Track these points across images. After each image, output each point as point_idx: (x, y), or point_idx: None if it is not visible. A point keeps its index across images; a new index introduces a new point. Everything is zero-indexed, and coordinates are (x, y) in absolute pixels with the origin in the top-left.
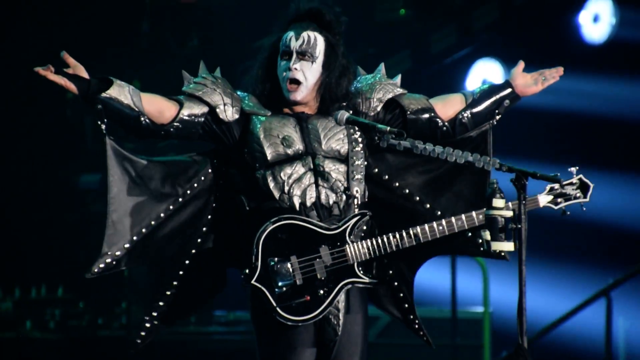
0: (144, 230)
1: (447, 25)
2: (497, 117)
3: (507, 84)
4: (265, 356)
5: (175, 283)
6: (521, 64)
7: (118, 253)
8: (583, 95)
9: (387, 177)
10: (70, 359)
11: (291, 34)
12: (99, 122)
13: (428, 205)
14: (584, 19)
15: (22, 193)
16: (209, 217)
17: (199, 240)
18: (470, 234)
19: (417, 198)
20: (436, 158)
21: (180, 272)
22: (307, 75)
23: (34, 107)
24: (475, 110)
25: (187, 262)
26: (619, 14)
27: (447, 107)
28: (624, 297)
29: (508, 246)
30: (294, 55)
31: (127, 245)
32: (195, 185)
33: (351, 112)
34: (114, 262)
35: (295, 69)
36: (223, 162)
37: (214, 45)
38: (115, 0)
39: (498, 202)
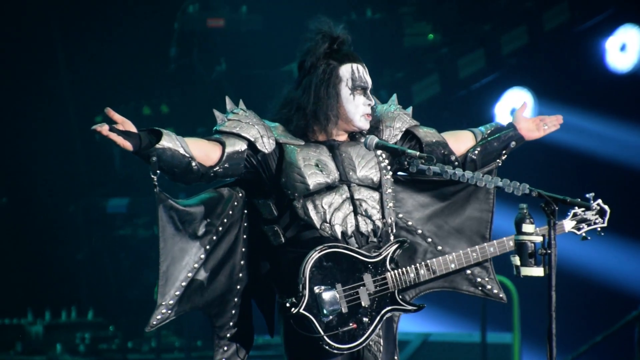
0: (189, 274)
1: (475, 50)
2: (503, 158)
3: (512, 126)
4: None
5: (231, 324)
6: (523, 107)
7: (171, 302)
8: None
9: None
10: None
11: (361, 67)
12: (152, 175)
13: (430, 240)
14: (611, 45)
15: (52, 217)
16: (243, 249)
17: (240, 275)
18: (469, 272)
19: (420, 231)
20: (444, 192)
21: (233, 312)
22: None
23: (62, 132)
24: (484, 149)
25: (236, 299)
26: None
27: (460, 143)
28: None
29: (537, 271)
30: (369, 91)
31: (177, 293)
32: (225, 220)
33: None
34: (169, 312)
35: (372, 104)
36: (247, 192)
37: (242, 70)
38: (143, 25)
39: (528, 228)
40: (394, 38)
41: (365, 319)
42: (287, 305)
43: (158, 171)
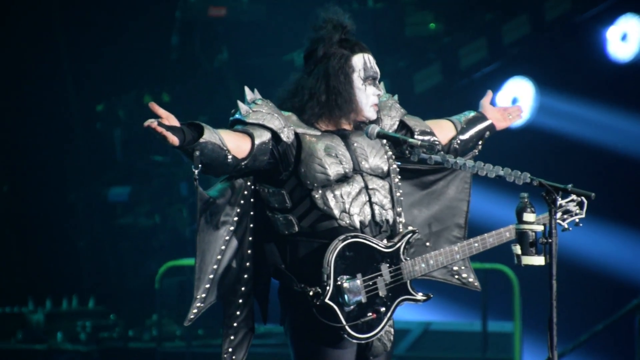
0: (215, 267)
1: (477, 40)
2: (479, 148)
3: (483, 115)
4: None
5: (237, 313)
6: (489, 95)
7: (203, 295)
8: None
9: None
10: None
11: (372, 58)
12: (194, 169)
13: (410, 228)
14: (612, 35)
15: (53, 206)
16: (250, 238)
17: (247, 264)
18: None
19: (402, 220)
20: (423, 181)
21: (240, 301)
22: None
23: (64, 120)
24: (464, 138)
25: (243, 289)
26: None
27: (443, 132)
28: None
29: (539, 260)
30: (378, 81)
31: (207, 286)
32: (239, 210)
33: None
34: (202, 304)
35: (380, 94)
36: (255, 181)
37: (243, 59)
38: (145, 14)
39: (529, 217)
40: (395, 27)
41: (382, 309)
42: (311, 294)
43: (200, 165)
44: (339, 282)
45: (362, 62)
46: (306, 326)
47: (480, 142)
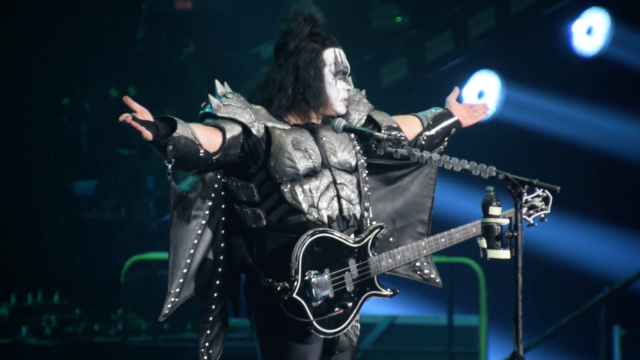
0: (188, 261)
1: (443, 33)
2: (445, 144)
3: (449, 112)
4: None
5: (213, 307)
6: (455, 92)
7: (177, 290)
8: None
9: None
10: None
11: (342, 53)
12: (167, 163)
13: (374, 222)
14: (577, 28)
15: (18, 199)
16: (222, 232)
17: (221, 257)
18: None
19: (365, 214)
20: (389, 176)
21: (215, 295)
22: None
23: (29, 113)
24: (430, 134)
25: (217, 282)
26: (613, 30)
27: (409, 128)
28: (619, 304)
29: (504, 254)
30: (348, 76)
31: (181, 280)
32: (210, 203)
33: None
34: (176, 299)
35: (350, 89)
36: (224, 174)
37: (209, 52)
38: (110, 7)
39: (495, 210)
40: (361, 20)
41: (349, 304)
42: (279, 289)
43: (173, 159)
44: (307, 277)
45: (333, 56)
46: (272, 321)
47: (446, 139)
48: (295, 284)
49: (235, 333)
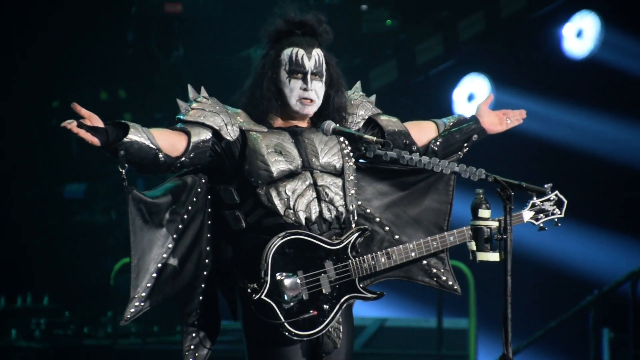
0: (159, 265)
1: (433, 36)
2: (465, 150)
3: (475, 119)
4: None
5: (198, 310)
6: (488, 100)
7: (143, 294)
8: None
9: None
10: None
11: (301, 52)
12: (121, 169)
13: (387, 228)
14: (567, 31)
15: (7, 202)
16: (208, 235)
17: (206, 260)
18: (425, 262)
19: (378, 219)
20: (404, 182)
21: (200, 298)
22: (319, 94)
23: (19, 116)
24: (446, 140)
25: (203, 285)
26: (603, 33)
27: (422, 133)
28: (609, 308)
29: (493, 257)
30: (309, 76)
31: (149, 285)
32: (190, 207)
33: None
34: (142, 304)
35: (312, 90)
36: (209, 178)
37: (199, 55)
38: (100, 10)
39: (484, 213)
40: (352, 24)
41: (325, 306)
42: (249, 291)
43: (126, 165)
44: (277, 279)
45: (288, 56)
46: (256, 322)
47: (465, 145)
48: (265, 285)
49: (225, 336)
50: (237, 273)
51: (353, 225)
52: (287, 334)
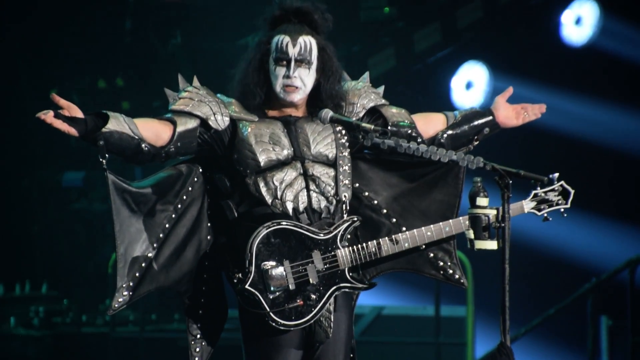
0: (149, 254)
1: (430, 24)
2: (475, 143)
3: (489, 112)
4: (252, 355)
5: (202, 300)
6: (507, 93)
7: (132, 284)
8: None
9: (357, 185)
10: (54, 355)
11: (286, 39)
12: (101, 158)
13: (394, 220)
14: (566, 18)
15: (5, 190)
16: (209, 224)
17: (208, 250)
18: (432, 255)
19: (385, 211)
20: (413, 174)
21: (203, 288)
22: (305, 81)
23: (16, 104)
24: (455, 133)
25: (205, 275)
26: (602, 20)
27: (429, 125)
28: (607, 295)
29: (491, 245)
30: (293, 63)
31: (137, 274)
32: (185, 197)
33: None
34: (130, 293)
35: (295, 76)
36: (206, 167)
37: (197, 43)
38: None
39: (482, 201)
40: (349, 11)
41: (313, 296)
42: (235, 281)
43: (107, 155)
44: (261, 269)
45: (275, 43)
46: (249, 311)
47: (476, 138)
48: (249, 275)
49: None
50: (229, 262)
51: (345, 216)
52: (273, 323)
